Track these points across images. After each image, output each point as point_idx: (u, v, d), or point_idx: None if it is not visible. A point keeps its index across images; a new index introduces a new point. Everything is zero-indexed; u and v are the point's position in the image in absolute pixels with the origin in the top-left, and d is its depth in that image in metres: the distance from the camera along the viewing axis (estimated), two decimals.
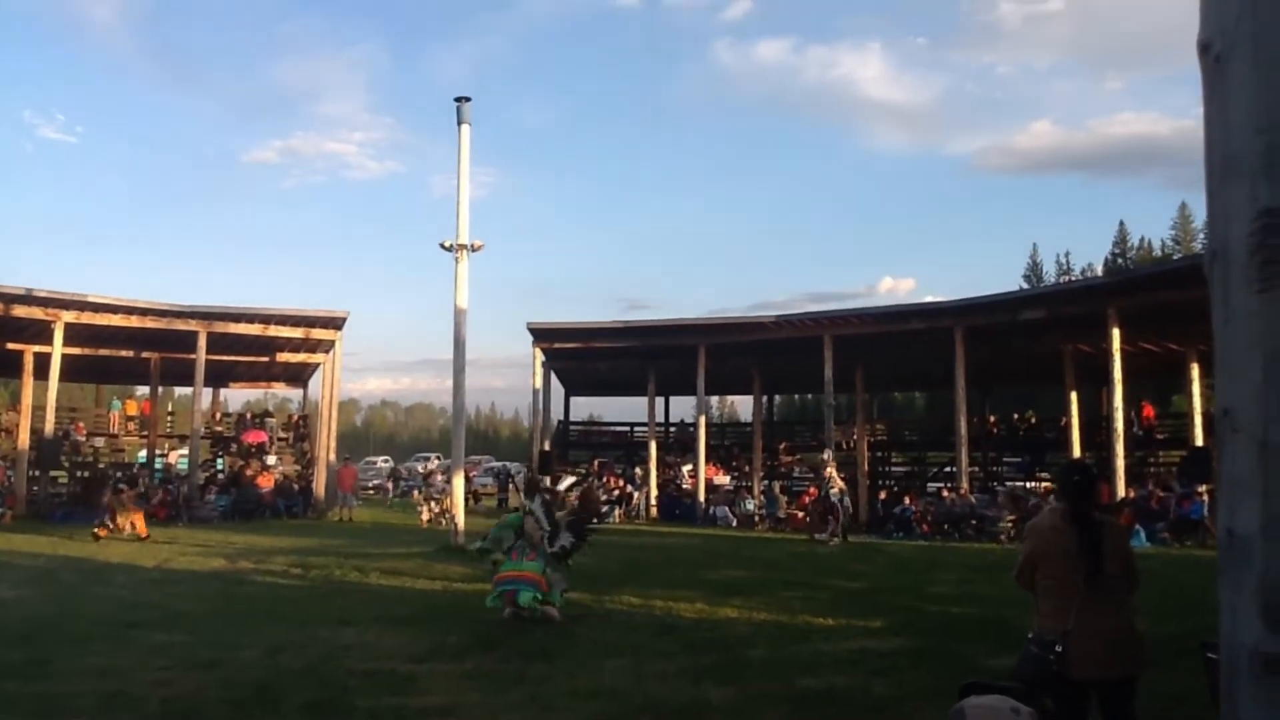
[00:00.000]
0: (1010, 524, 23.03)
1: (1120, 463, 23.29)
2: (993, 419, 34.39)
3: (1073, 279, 71.41)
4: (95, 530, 21.37)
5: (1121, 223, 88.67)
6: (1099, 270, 77.67)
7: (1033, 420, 33.98)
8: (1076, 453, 27.34)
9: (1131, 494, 22.79)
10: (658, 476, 32.80)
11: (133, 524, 21.87)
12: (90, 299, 27.90)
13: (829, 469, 23.35)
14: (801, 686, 7.78)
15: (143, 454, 34.80)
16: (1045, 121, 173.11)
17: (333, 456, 32.51)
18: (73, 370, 31.91)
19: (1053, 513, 5.05)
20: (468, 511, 22.00)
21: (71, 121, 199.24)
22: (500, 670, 8.32)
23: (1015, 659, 8.60)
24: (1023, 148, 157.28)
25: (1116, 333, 23.83)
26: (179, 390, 44.42)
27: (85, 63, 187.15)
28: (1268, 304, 2.17)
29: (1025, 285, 75.27)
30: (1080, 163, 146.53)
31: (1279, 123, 2.19)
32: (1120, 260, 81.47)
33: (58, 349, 27.75)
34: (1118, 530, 5.19)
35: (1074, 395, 28.41)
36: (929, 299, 32.95)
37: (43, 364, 28.41)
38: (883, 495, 29.98)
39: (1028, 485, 28.40)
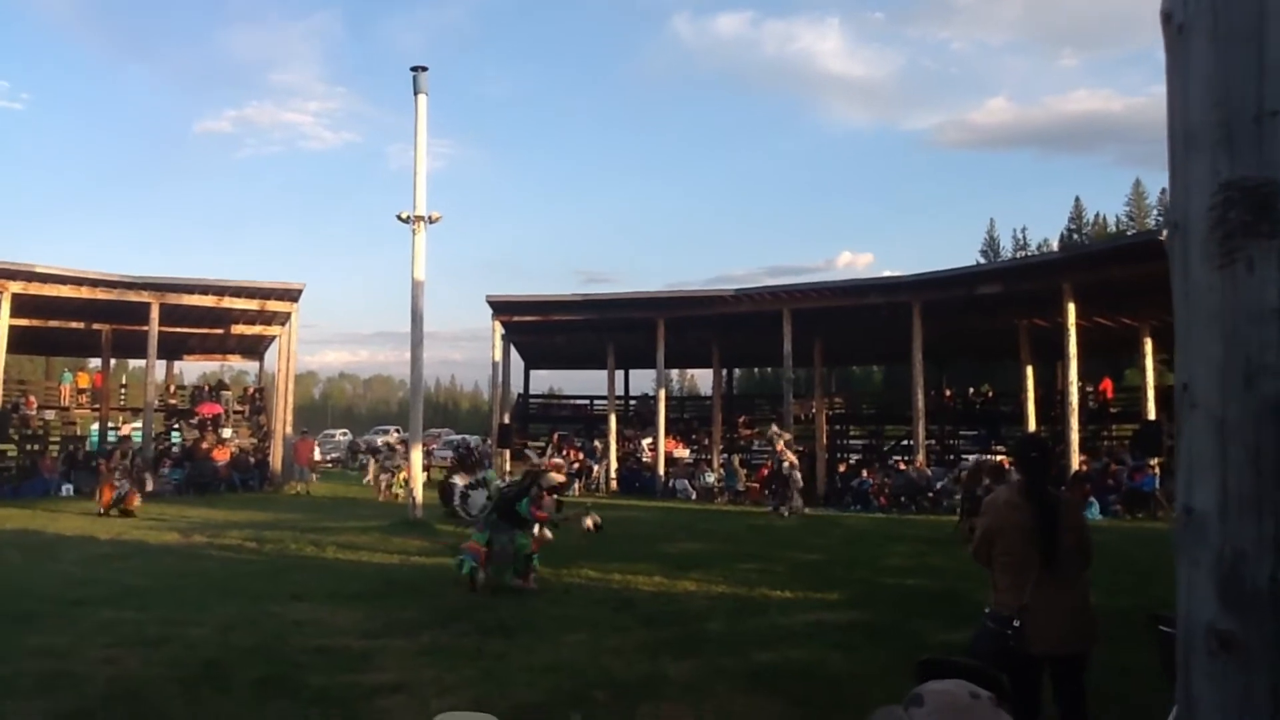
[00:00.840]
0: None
1: (1075, 436, 23.54)
2: (949, 393, 34.70)
3: (1029, 254, 72.12)
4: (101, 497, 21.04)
5: (1077, 198, 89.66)
6: (1055, 246, 78.48)
7: (989, 394, 34.34)
8: (1032, 426, 27.60)
9: (1086, 467, 23.05)
10: (617, 450, 32.78)
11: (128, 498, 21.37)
12: (38, 269, 27.29)
13: (780, 443, 23.42)
14: (759, 661, 7.79)
15: (95, 427, 34.29)
16: (1001, 98, 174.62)
17: (289, 429, 32.17)
18: (22, 342, 31.25)
19: (1010, 488, 5.05)
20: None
21: (16, 88, 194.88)
22: (455, 645, 8.25)
23: (970, 633, 8.71)
24: (979, 123, 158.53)
25: (1072, 308, 24.02)
26: (133, 363, 43.74)
27: (30, 28, 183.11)
28: (1228, 278, 2.13)
29: (982, 260, 76.00)
30: (1036, 139, 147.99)
31: (1237, 95, 2.14)
32: (1076, 236, 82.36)
33: (4, 320, 27.10)
34: (1074, 505, 5.20)
35: (1029, 370, 28.67)
36: (887, 273, 33.11)
37: None
38: (842, 468, 30.15)
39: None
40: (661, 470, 30.61)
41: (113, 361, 36.54)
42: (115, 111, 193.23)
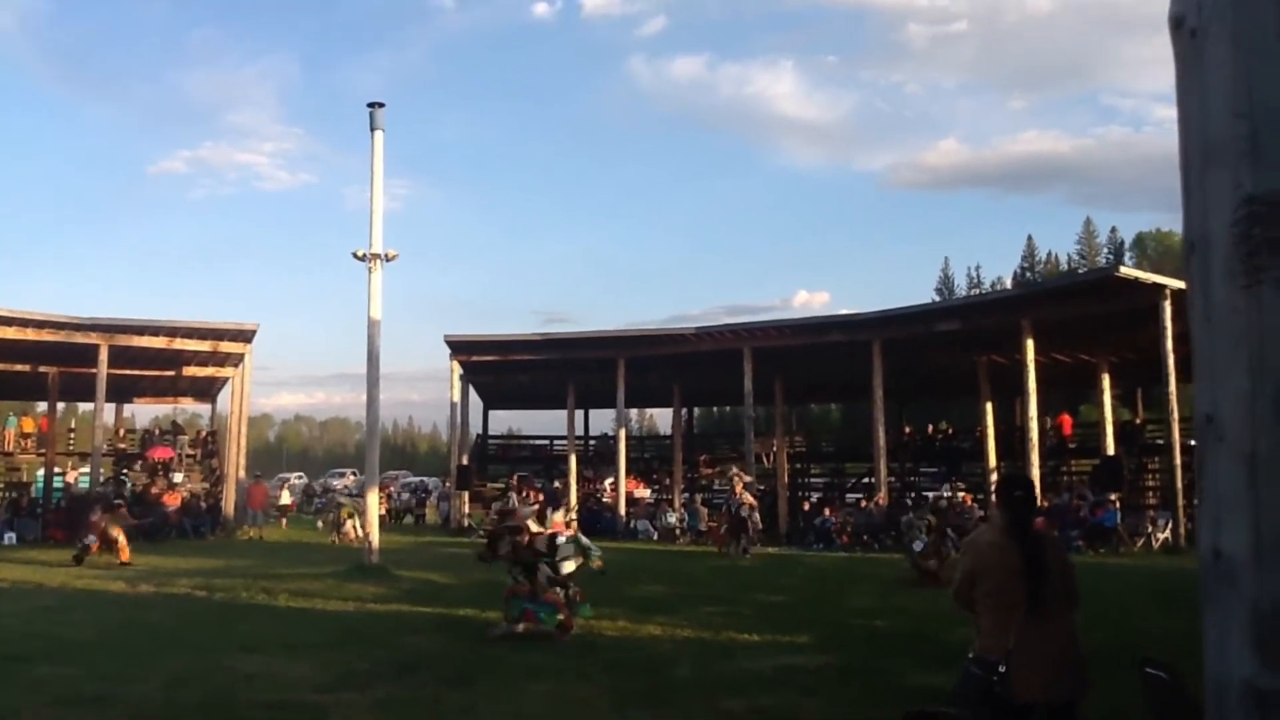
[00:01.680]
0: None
1: (1035, 472, 23.56)
2: (909, 430, 34.72)
3: (983, 292, 72.86)
4: (79, 551, 20.04)
5: (1030, 237, 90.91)
6: (1009, 284, 79.50)
7: (949, 431, 34.39)
8: (993, 462, 27.67)
9: (1047, 503, 23.05)
10: (578, 490, 32.42)
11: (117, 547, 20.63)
12: None
13: (738, 486, 23.22)
14: (728, 709, 7.54)
15: (41, 473, 33.41)
16: (952, 139, 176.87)
17: (243, 473, 31.53)
18: None
19: (992, 528, 4.85)
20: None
21: None
22: (413, 697, 7.93)
23: (941, 674, 8.51)
24: (931, 164, 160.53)
25: (1030, 344, 24.14)
26: (83, 406, 42.76)
27: None
28: (1253, 299, 1.96)
29: (937, 298, 76.64)
30: (987, 179, 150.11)
31: (1264, 104, 1.98)
32: (1029, 274, 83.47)
33: None
34: (1058, 546, 5.02)
35: (989, 406, 28.75)
36: (843, 312, 33.18)
37: None
38: (806, 506, 29.99)
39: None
40: (623, 511, 30.30)
41: (62, 405, 35.71)
42: (68, 152, 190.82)
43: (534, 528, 11.21)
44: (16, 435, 33.56)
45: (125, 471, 32.77)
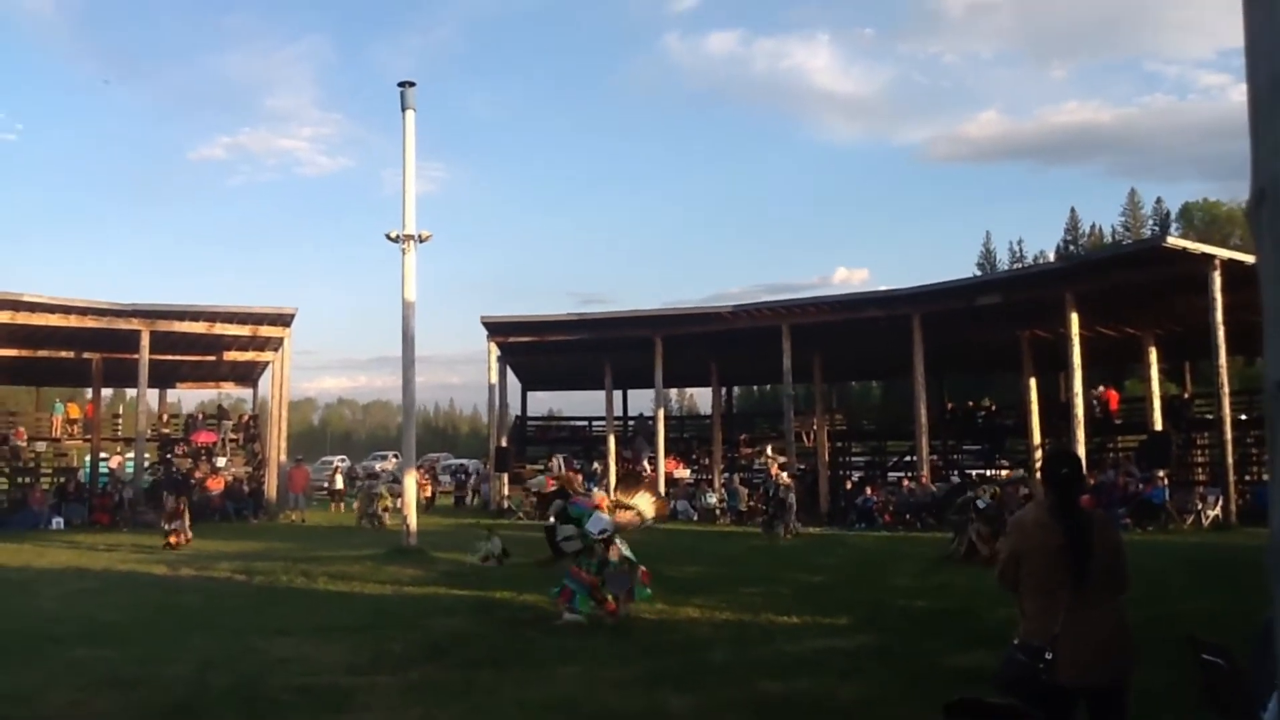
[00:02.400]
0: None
1: (1081, 448, 23.13)
2: (951, 406, 34.30)
3: (1026, 265, 71.83)
4: (169, 539, 20.34)
5: (1073, 209, 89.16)
6: (1052, 257, 78.22)
7: (991, 407, 33.92)
8: (1036, 439, 27.24)
9: (1094, 480, 22.64)
10: (617, 471, 32.32)
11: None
12: (25, 298, 26.91)
13: (773, 466, 23.00)
14: (765, 691, 7.38)
15: (88, 458, 33.83)
16: (992, 111, 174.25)
17: (284, 457, 31.76)
18: (10, 372, 30.97)
19: (1038, 506, 4.63)
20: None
21: (11, 119, 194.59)
22: (445, 680, 7.83)
23: (983, 654, 8.29)
24: (971, 136, 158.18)
25: (1074, 317, 23.69)
26: (130, 392, 43.33)
27: (23, 58, 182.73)
28: None
29: (979, 273, 75.67)
30: (1028, 151, 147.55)
31: None
32: (1072, 247, 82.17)
33: None
34: (1107, 525, 4.78)
35: (1032, 381, 28.28)
36: (883, 288, 32.73)
37: None
38: (847, 485, 29.72)
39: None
40: (661, 491, 30.17)
41: (109, 392, 36.19)
42: (110, 140, 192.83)
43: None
44: (63, 421, 33.95)
45: (170, 456, 33.10)
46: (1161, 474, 22.33)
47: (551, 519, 11.12)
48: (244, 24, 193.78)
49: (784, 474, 22.82)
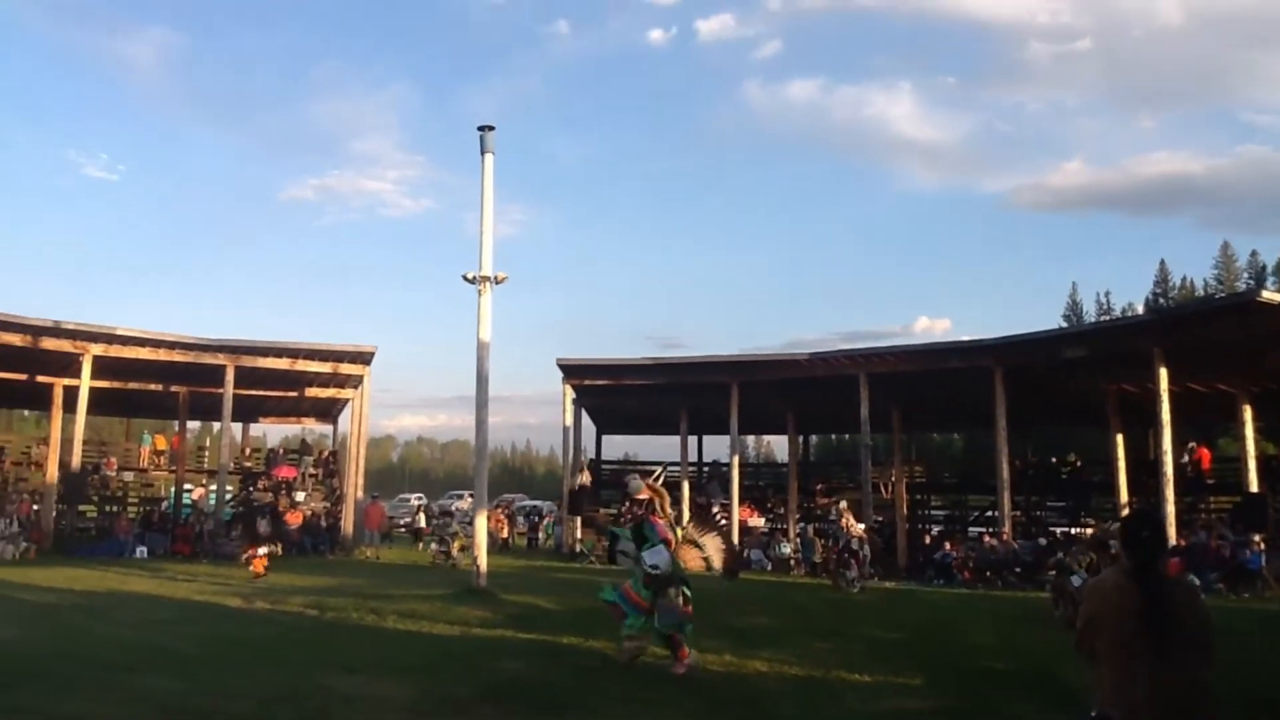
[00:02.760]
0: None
1: (1171, 508, 22.36)
2: (1033, 460, 33.46)
3: (1114, 318, 70.23)
4: (254, 567, 21.30)
5: (1162, 261, 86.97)
6: (1140, 310, 76.33)
7: (1076, 463, 33.01)
8: (1124, 496, 26.41)
9: (1184, 541, 21.85)
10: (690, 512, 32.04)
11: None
12: (118, 332, 27.79)
13: (845, 517, 22.57)
14: None
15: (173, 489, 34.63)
16: (1078, 160, 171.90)
17: (361, 493, 32.14)
18: (102, 403, 31.81)
19: (1116, 570, 4.39)
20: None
21: (114, 160, 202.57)
22: None
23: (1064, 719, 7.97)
24: (1056, 186, 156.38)
25: (1163, 372, 22.98)
26: (215, 425, 44.31)
27: (126, 104, 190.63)
28: None
29: (1065, 325, 74.11)
30: (1115, 201, 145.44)
31: None
32: (1161, 300, 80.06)
33: (85, 382, 27.64)
34: (1192, 592, 4.54)
35: (1119, 437, 27.48)
36: (965, 338, 32.23)
37: (72, 397, 28.30)
38: (926, 540, 29.08)
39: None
40: (735, 539, 29.83)
41: (197, 424, 36.96)
42: (205, 182, 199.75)
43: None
44: (151, 452, 34.84)
45: (251, 489, 33.70)
46: (1258, 538, 21.45)
47: (620, 524, 11.03)
48: (333, 72, 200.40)
49: (856, 525, 22.36)
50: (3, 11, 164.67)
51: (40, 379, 29.97)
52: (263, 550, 21.95)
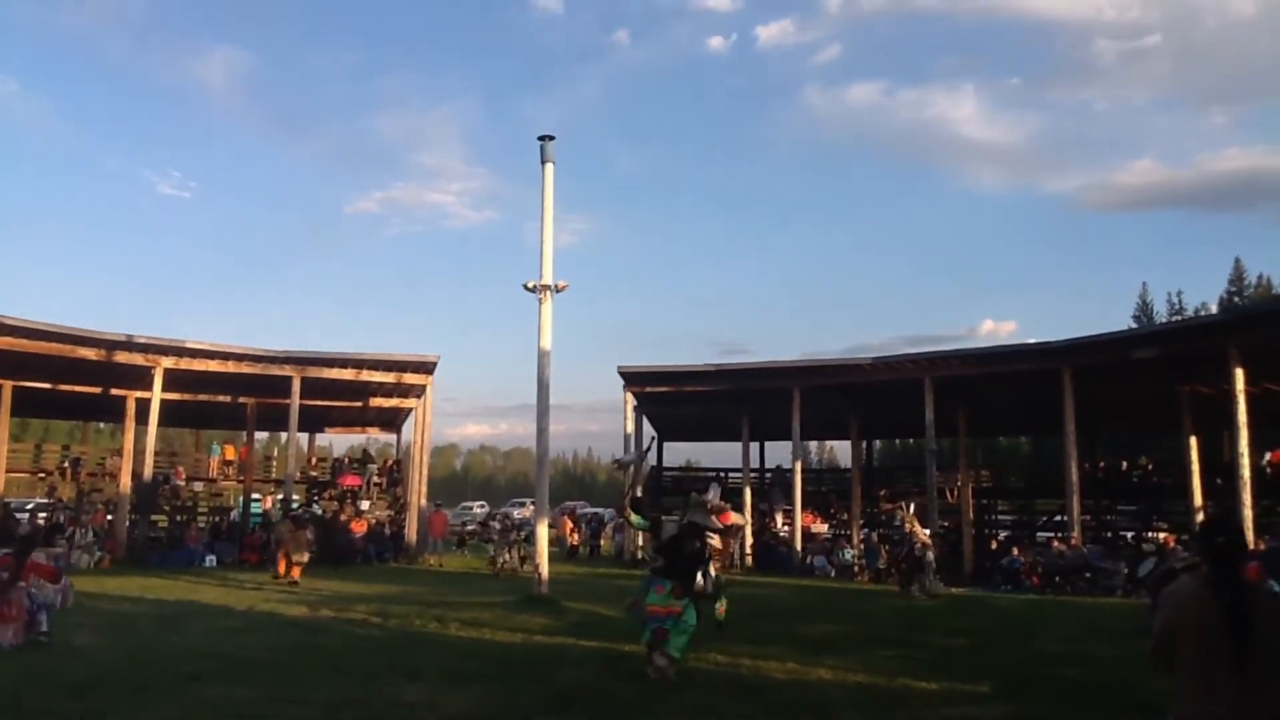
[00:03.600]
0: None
1: (1248, 512, 21.76)
2: (1103, 465, 32.79)
3: (1186, 317, 68.59)
4: (279, 569, 22.25)
5: (1237, 259, 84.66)
6: (1214, 309, 74.51)
7: (1148, 466, 32.29)
8: (1198, 500, 25.76)
9: (1262, 545, 21.22)
10: (753, 524, 31.88)
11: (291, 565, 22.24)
12: (188, 345, 28.36)
13: (911, 523, 22.24)
14: None
15: (241, 498, 35.22)
16: (1147, 159, 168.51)
17: (424, 501, 32.43)
18: (173, 415, 32.51)
19: (1194, 578, 4.24)
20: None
21: (186, 177, 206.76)
22: None
23: None
24: (1125, 185, 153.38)
25: (1239, 373, 22.38)
26: (282, 435, 45.11)
27: (196, 122, 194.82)
28: None
29: (1135, 325, 72.59)
30: (1188, 199, 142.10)
31: None
32: (1236, 299, 78.00)
33: (157, 394, 28.24)
34: (1274, 599, 4.37)
35: (1193, 439, 26.80)
36: (1031, 340, 31.67)
37: (144, 409, 28.89)
38: (993, 545, 28.61)
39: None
40: (798, 546, 29.60)
41: (265, 435, 37.65)
42: (273, 196, 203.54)
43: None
44: (220, 462, 35.46)
45: (316, 498, 34.15)
46: None
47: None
48: (397, 86, 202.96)
49: (920, 530, 22.05)
50: (77, 37, 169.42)
51: (114, 392, 30.65)
52: (296, 558, 22.36)
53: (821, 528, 32.17)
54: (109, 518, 28.70)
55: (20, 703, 8.43)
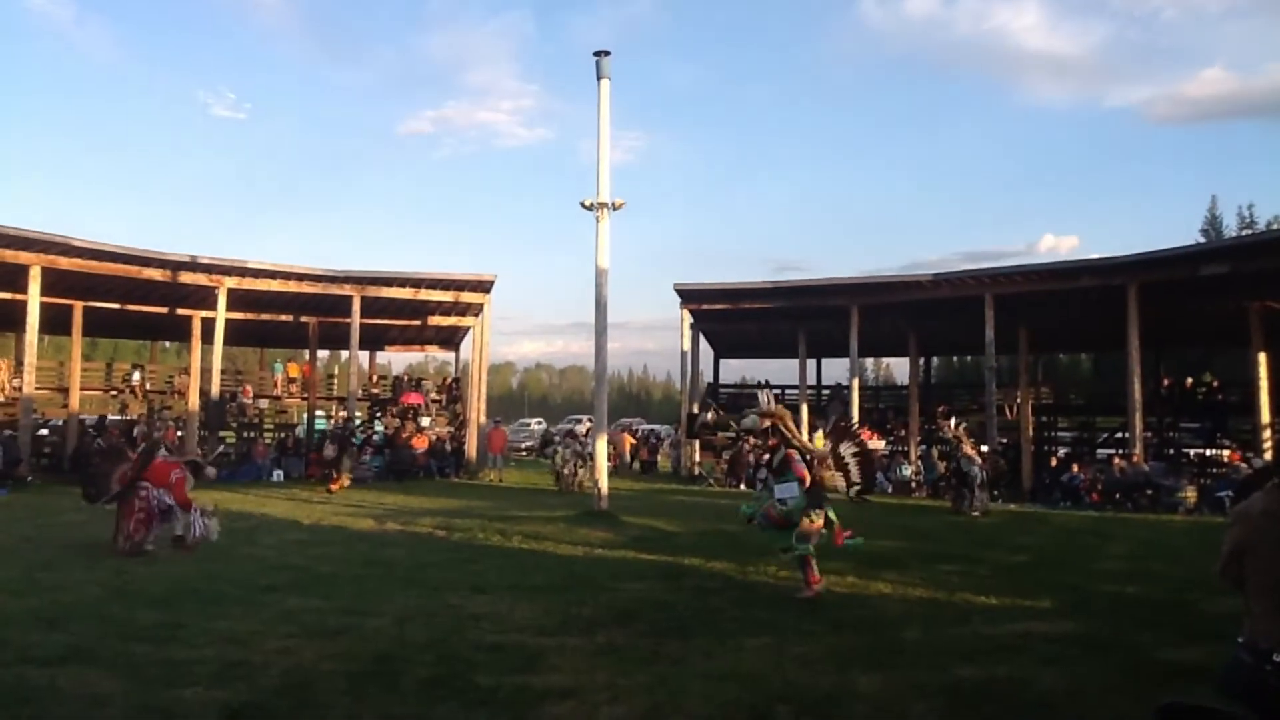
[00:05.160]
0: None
1: None
2: (1168, 382, 32.27)
3: (1258, 232, 66.68)
4: (330, 486, 24.09)
5: None
6: None
7: (1213, 384, 31.73)
8: (1265, 418, 25.31)
9: None
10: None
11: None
12: (250, 265, 28.75)
13: (963, 442, 22.03)
14: (960, 676, 7.07)
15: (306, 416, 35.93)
16: (1217, 68, 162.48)
17: (483, 418, 32.87)
18: (237, 335, 33.10)
19: (1268, 494, 4.18)
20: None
21: (241, 99, 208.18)
22: (632, 646, 7.85)
23: (1199, 650, 7.73)
24: (1193, 96, 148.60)
25: None
26: (343, 354, 45.80)
27: (252, 44, 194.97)
28: None
29: (1203, 240, 70.76)
30: (1260, 109, 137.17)
31: None
32: None
33: (221, 314, 28.73)
34: None
35: (1262, 356, 26.22)
36: (1094, 256, 31.00)
37: (209, 329, 29.44)
38: (1053, 462, 28.41)
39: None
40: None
41: (326, 353, 38.20)
42: (326, 117, 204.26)
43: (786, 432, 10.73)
44: (284, 380, 36.10)
45: (378, 415, 34.72)
46: None
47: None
48: (447, 3, 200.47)
49: (968, 447, 21.85)
50: None
51: (180, 311, 31.25)
52: (346, 479, 24.54)
53: (879, 444, 32.09)
54: (180, 434, 29.39)
55: (100, 614, 8.77)
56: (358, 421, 31.46)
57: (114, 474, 13.11)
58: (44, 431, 30.17)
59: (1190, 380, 32.18)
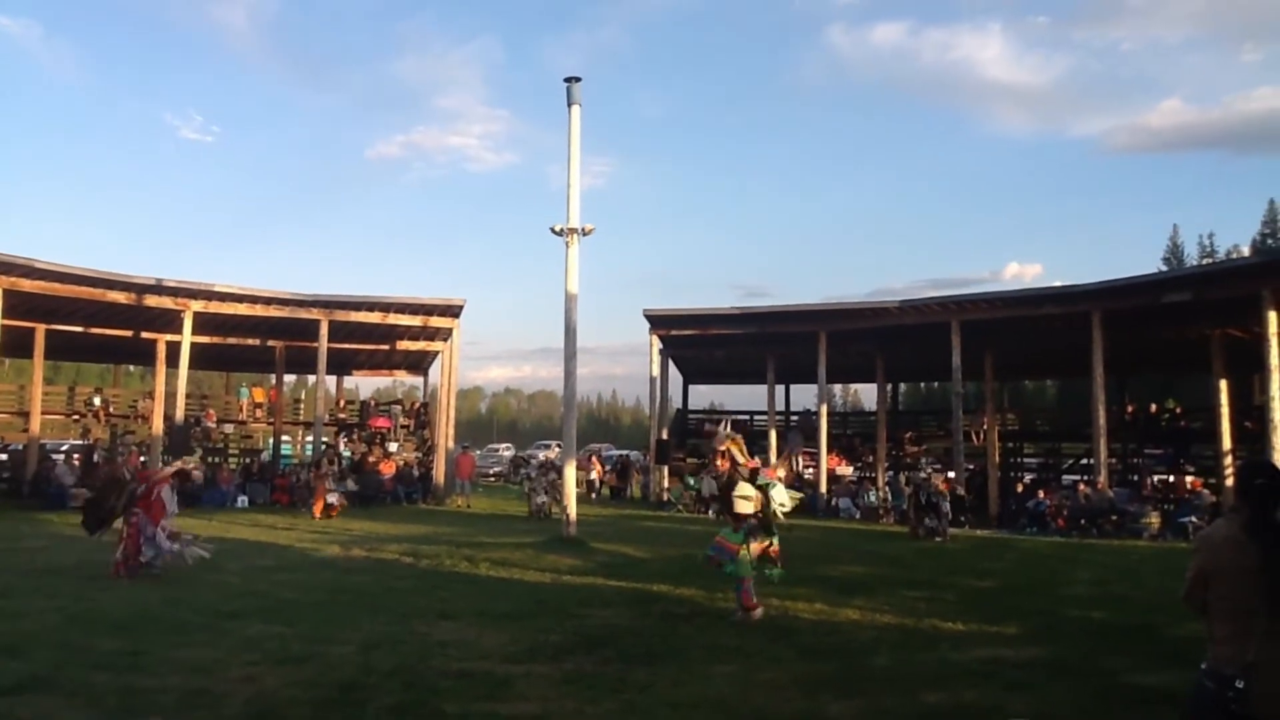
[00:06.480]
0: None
1: (1277, 456, 21.61)
2: (1131, 408, 32.62)
3: (1219, 260, 67.67)
4: (316, 510, 23.75)
5: (1271, 201, 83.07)
6: (1247, 252, 73.43)
7: (1176, 410, 32.10)
8: (1226, 444, 25.60)
9: None
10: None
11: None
12: (216, 288, 28.53)
13: (927, 470, 22.33)
14: (928, 702, 7.09)
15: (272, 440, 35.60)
16: (1176, 99, 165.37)
17: (451, 443, 32.68)
18: (203, 358, 32.81)
19: (1230, 522, 4.21)
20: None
21: (209, 122, 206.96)
22: (600, 673, 7.81)
23: (1165, 674, 7.79)
24: (1154, 126, 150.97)
25: (1273, 316, 22.14)
26: (310, 378, 45.52)
27: (221, 66, 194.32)
28: None
29: (1165, 269, 71.71)
30: (1218, 140, 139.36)
31: None
32: (1270, 241, 76.81)
33: (187, 337, 28.46)
34: None
35: (1223, 383, 26.55)
36: (1058, 284, 31.37)
37: (174, 352, 29.13)
38: (1019, 488, 28.60)
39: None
40: (824, 488, 29.69)
41: (293, 377, 37.92)
42: (295, 140, 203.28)
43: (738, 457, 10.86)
44: (249, 405, 35.78)
45: (346, 440, 34.45)
46: None
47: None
48: (418, 28, 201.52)
49: (937, 479, 22.11)
50: None
51: (145, 335, 30.92)
52: (332, 499, 24.10)
53: (847, 470, 32.22)
54: (143, 459, 29.01)
55: (61, 641, 8.62)
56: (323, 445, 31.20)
57: (114, 504, 13.10)
58: (3, 457, 29.77)
59: (1155, 406, 32.55)
